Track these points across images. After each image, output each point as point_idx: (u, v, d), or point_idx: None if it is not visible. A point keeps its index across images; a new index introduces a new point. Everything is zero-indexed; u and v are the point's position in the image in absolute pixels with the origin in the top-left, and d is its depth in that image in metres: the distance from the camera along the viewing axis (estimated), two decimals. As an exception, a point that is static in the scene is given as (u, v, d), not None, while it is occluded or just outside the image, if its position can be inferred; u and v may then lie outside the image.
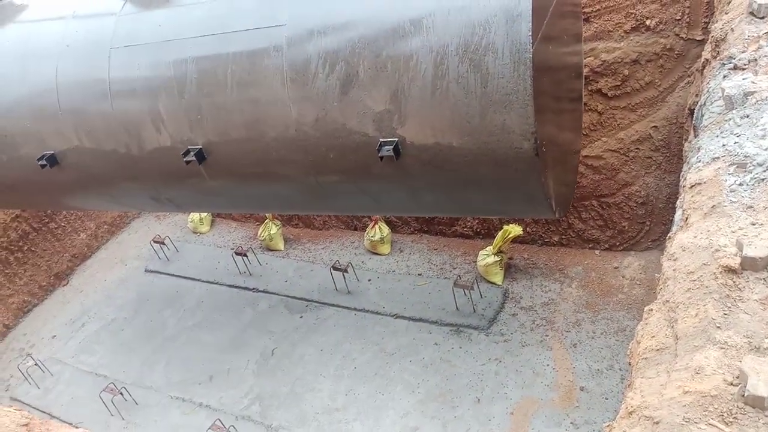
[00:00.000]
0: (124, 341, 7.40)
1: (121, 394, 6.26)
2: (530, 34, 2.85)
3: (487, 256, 6.82)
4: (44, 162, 4.85)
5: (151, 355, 7.04)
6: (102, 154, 4.64)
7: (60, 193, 5.64)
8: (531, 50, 2.83)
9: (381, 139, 3.32)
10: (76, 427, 3.03)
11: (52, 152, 4.83)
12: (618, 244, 6.84)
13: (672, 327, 2.21)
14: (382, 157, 3.28)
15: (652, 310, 2.40)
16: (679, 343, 2.11)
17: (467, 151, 3.16)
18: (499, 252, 6.79)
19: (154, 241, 8.38)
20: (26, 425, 3.11)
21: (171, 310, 7.64)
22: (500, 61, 2.90)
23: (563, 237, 7.10)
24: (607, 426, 2.17)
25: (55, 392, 6.92)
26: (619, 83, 6.13)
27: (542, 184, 3.16)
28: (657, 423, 1.84)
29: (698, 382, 1.89)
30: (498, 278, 6.83)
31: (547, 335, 6.16)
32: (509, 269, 6.98)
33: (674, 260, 2.47)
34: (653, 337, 2.27)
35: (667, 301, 2.33)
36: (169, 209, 5.36)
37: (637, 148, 6.25)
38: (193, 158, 4.05)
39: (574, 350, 5.91)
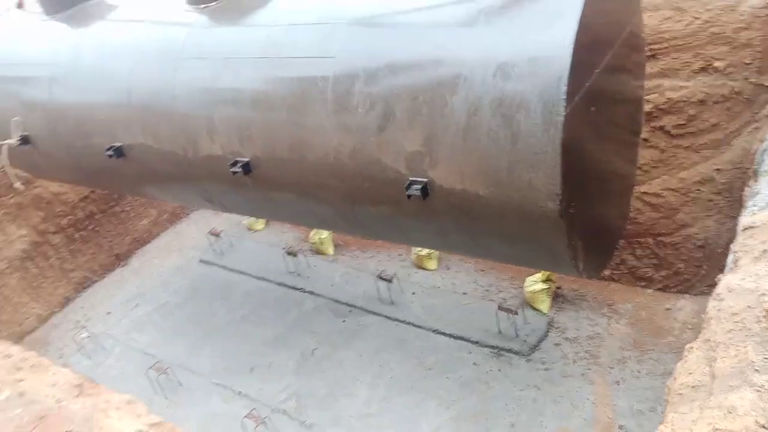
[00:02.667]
0: (174, 325, 7.82)
1: (167, 373, 6.62)
2: (564, 97, 2.80)
3: (534, 283, 6.73)
4: (111, 153, 5.23)
5: (198, 341, 7.41)
6: (162, 154, 4.96)
7: (123, 182, 6.06)
8: (563, 113, 2.79)
9: (411, 178, 3.38)
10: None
11: (120, 145, 5.19)
12: (672, 285, 6.59)
13: (710, 366, 2.25)
14: (410, 196, 3.32)
15: (692, 347, 2.44)
16: (716, 381, 2.14)
17: (493, 202, 3.16)
18: (547, 280, 6.69)
19: (211, 234, 8.78)
20: (79, 385, 3.42)
21: (221, 301, 7.99)
22: (531, 120, 2.88)
23: (615, 272, 6.91)
24: None
25: (105, 366, 7.42)
26: (683, 122, 5.94)
27: (568, 244, 3.12)
28: (683, 457, 1.86)
29: (729, 421, 1.91)
30: (544, 306, 6.73)
31: (589, 369, 6.04)
32: (556, 298, 6.86)
33: (719, 300, 2.51)
34: (690, 374, 2.32)
35: (708, 340, 2.38)
36: (219, 209, 5.68)
37: (698, 190, 6.01)
38: (240, 170, 4.27)
39: (616, 387, 5.78)
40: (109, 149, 5.18)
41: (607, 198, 4.05)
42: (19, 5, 6.80)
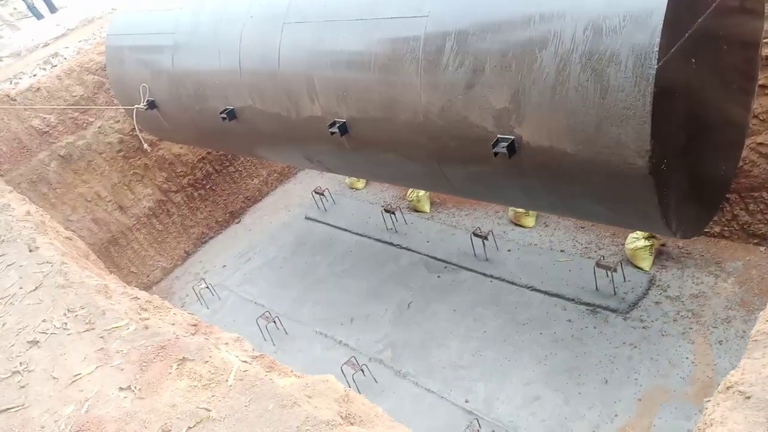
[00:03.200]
0: (281, 277, 8.35)
1: (275, 322, 7.15)
2: (657, 49, 2.71)
3: (636, 240, 6.52)
4: (225, 116, 5.60)
5: (303, 293, 7.88)
6: (268, 116, 5.26)
7: (236, 142, 6.49)
8: (655, 66, 2.70)
9: (498, 135, 3.42)
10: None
11: (232, 108, 5.55)
12: (788, 241, 6.16)
13: (789, 311, 2.22)
14: (496, 153, 3.36)
15: None
16: (792, 327, 2.13)
17: (581, 160, 3.14)
18: (650, 236, 6.46)
19: (315, 192, 9.18)
20: (195, 325, 3.90)
21: (323, 256, 8.41)
22: (622, 74, 2.82)
23: (725, 228, 6.53)
24: (707, 400, 2.26)
25: (221, 314, 8.08)
26: (808, 66, 5.38)
27: (658, 204, 3.05)
28: (748, 398, 1.93)
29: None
30: (646, 263, 6.53)
31: (691, 328, 5.85)
32: (659, 255, 6.62)
33: None
34: (767, 321, 2.30)
35: None
36: (320, 168, 5.98)
37: (818, 141, 5.52)
38: (337, 130, 4.48)
39: (718, 347, 5.57)
40: (222, 112, 5.56)
41: (711, 152, 3.85)
42: None
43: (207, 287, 8.31)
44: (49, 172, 8.39)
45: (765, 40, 5.11)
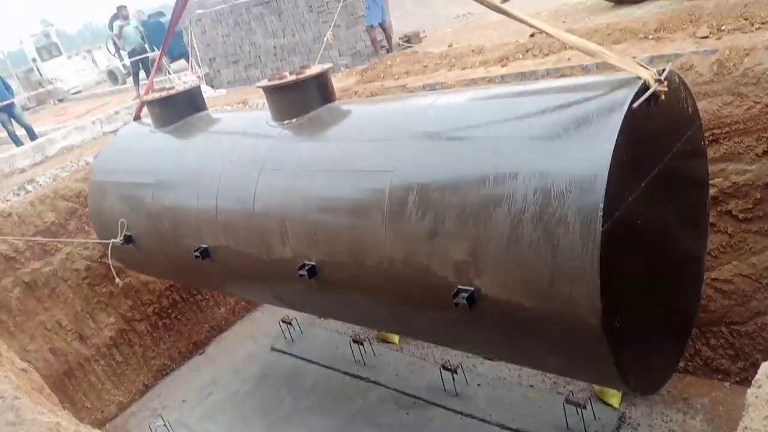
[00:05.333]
0: (243, 413, 8.01)
1: (234, 466, 6.77)
2: (601, 213, 2.92)
3: (603, 375, 6.52)
4: (198, 254, 5.68)
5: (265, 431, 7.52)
6: (241, 256, 5.36)
7: (208, 280, 6.53)
8: (600, 230, 2.90)
9: (459, 286, 3.54)
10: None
11: (206, 246, 5.64)
12: (751, 378, 6.20)
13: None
14: (457, 304, 3.47)
15: None
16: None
17: (537, 314, 3.26)
18: (616, 372, 6.47)
19: (283, 321, 9.06)
20: None
21: (288, 389, 8.16)
22: (570, 235, 3.01)
23: (689, 363, 6.61)
24: None
25: (179, 455, 7.63)
26: (750, 206, 5.84)
27: (614, 362, 3.14)
28: None
29: None
30: (615, 400, 6.48)
31: (664, 468, 5.74)
32: (628, 392, 6.61)
33: (758, 387, 2.59)
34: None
35: (746, 428, 2.40)
36: (290, 308, 6.03)
37: (771, 275, 5.80)
38: (306, 273, 4.57)
39: (692, 487, 5.44)
40: (196, 250, 5.66)
41: (668, 297, 4.01)
42: (136, 117, 7.70)
43: (164, 425, 7.91)
44: (11, 299, 8.18)
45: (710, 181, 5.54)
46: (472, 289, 3.45)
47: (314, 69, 5.39)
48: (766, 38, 5.67)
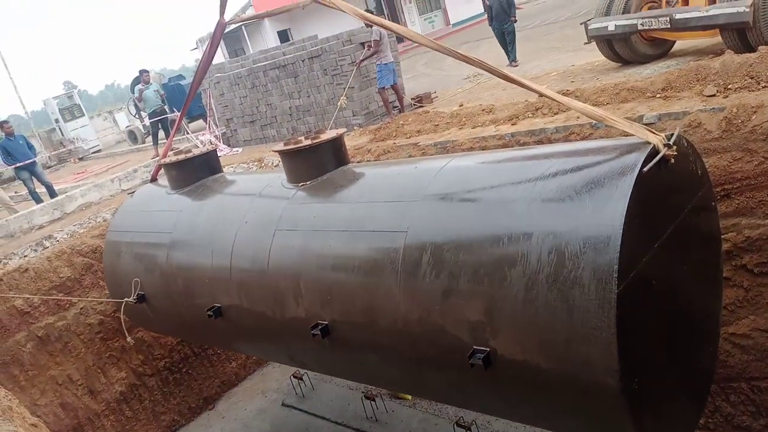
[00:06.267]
0: (254, 473, 7.86)
1: None
2: (616, 275, 2.96)
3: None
4: (211, 313, 5.72)
5: (275, 494, 7.37)
6: (254, 314, 5.40)
7: (219, 338, 6.53)
8: (616, 291, 2.93)
9: (474, 347, 3.55)
10: None
11: (219, 305, 5.68)
12: (773, 435, 6.08)
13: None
14: (473, 365, 3.46)
15: None
16: None
17: (554, 375, 3.25)
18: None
19: (294, 376, 8.99)
20: None
21: (299, 448, 8.02)
22: (586, 296, 3.04)
23: (710, 420, 6.45)
24: None
25: None
26: (765, 260, 5.81)
27: (634, 422, 3.11)
28: None
29: None
30: (634, 460, 6.32)
31: None
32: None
33: None
34: None
35: None
36: (301, 367, 5.99)
37: (789, 329, 5.72)
38: (319, 332, 4.58)
39: None
40: (209, 309, 5.70)
41: (686, 354, 3.98)
42: (152, 179, 7.90)
43: (174, 483, 7.77)
44: (23, 354, 8.21)
45: (723, 236, 5.55)
46: (488, 349, 3.45)
47: (329, 134, 5.57)
48: (773, 96, 5.78)
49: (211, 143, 14.63)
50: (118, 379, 8.91)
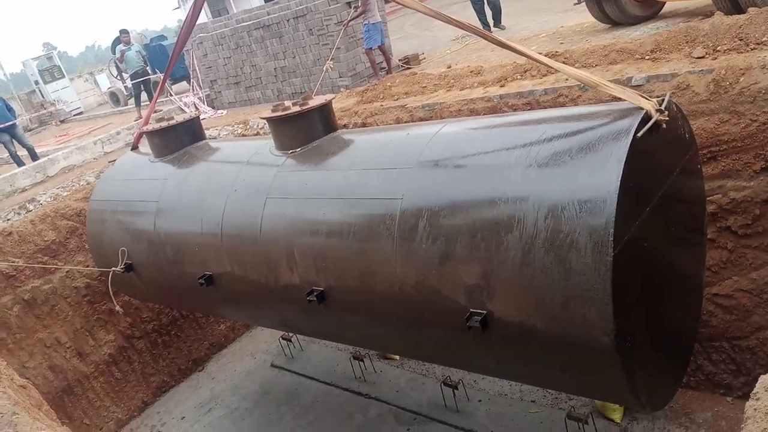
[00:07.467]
0: (242, 431, 8.01)
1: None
2: (612, 238, 3.02)
3: (604, 391, 6.57)
4: (203, 281, 5.72)
5: (265, 449, 7.53)
6: (246, 282, 5.42)
7: (211, 306, 6.56)
8: (612, 253, 2.99)
9: (471, 310, 3.62)
10: None
11: (210, 273, 5.68)
12: (753, 393, 6.31)
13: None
14: (470, 327, 3.54)
15: None
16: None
17: (550, 336, 3.35)
18: (618, 387, 6.52)
19: (282, 338, 9.09)
20: None
21: (288, 406, 8.19)
22: (582, 259, 3.10)
23: (691, 379, 6.67)
24: None
25: (177, 471, 7.61)
26: (749, 222, 5.91)
27: (626, 379, 3.22)
28: None
29: None
30: (617, 415, 6.54)
31: (665, 483, 5.78)
32: (629, 407, 6.65)
33: (756, 399, 2.60)
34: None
35: None
36: (295, 332, 6.05)
37: (771, 290, 5.88)
38: (314, 298, 4.63)
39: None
40: (200, 278, 5.70)
41: (673, 313, 4.11)
42: (133, 147, 7.76)
43: (164, 442, 7.90)
44: (10, 317, 8.18)
45: (709, 197, 5.64)
46: (485, 312, 3.52)
47: (317, 100, 5.50)
48: (762, 58, 5.79)
49: (195, 106, 14.39)
50: (107, 342, 8.94)
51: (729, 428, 6.13)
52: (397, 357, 8.43)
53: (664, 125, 3.47)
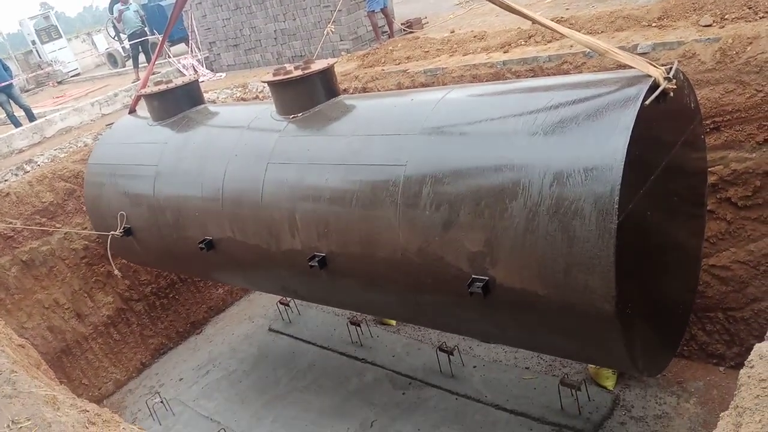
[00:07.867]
0: (240, 392, 8.12)
1: (231, 442, 6.87)
2: (617, 206, 3.02)
3: (599, 358, 6.65)
4: (203, 246, 5.72)
5: (261, 409, 7.66)
6: (248, 247, 5.42)
7: (210, 270, 6.58)
8: (616, 221, 2.99)
9: (473, 276, 3.63)
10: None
11: (211, 238, 5.68)
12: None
13: (736, 431, 2.35)
14: (472, 293, 3.55)
15: (724, 415, 2.55)
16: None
17: (551, 302, 3.38)
18: (612, 355, 6.60)
19: (280, 303, 9.14)
20: None
21: (285, 369, 8.28)
22: (586, 227, 3.10)
23: (684, 348, 6.74)
24: None
25: (173, 431, 7.74)
26: (750, 194, 5.91)
27: (626, 345, 3.25)
28: None
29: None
30: (609, 383, 6.63)
31: (656, 450, 5.89)
32: (622, 374, 6.74)
33: (750, 367, 2.63)
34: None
35: (737, 406, 2.47)
36: (294, 297, 6.06)
37: (768, 263, 5.91)
38: (316, 264, 4.64)
39: (684, 469, 5.61)
40: (201, 242, 5.70)
41: (671, 282, 4.15)
42: (131, 111, 7.65)
43: (161, 401, 8.00)
44: (8, 278, 8.19)
45: (710, 168, 5.62)
46: (487, 278, 3.54)
47: (320, 64, 5.41)
48: (770, 26, 5.71)
49: (194, 68, 14.17)
50: (105, 304, 8.98)
51: (720, 397, 6.22)
52: (394, 322, 8.50)
53: (672, 94, 3.43)
